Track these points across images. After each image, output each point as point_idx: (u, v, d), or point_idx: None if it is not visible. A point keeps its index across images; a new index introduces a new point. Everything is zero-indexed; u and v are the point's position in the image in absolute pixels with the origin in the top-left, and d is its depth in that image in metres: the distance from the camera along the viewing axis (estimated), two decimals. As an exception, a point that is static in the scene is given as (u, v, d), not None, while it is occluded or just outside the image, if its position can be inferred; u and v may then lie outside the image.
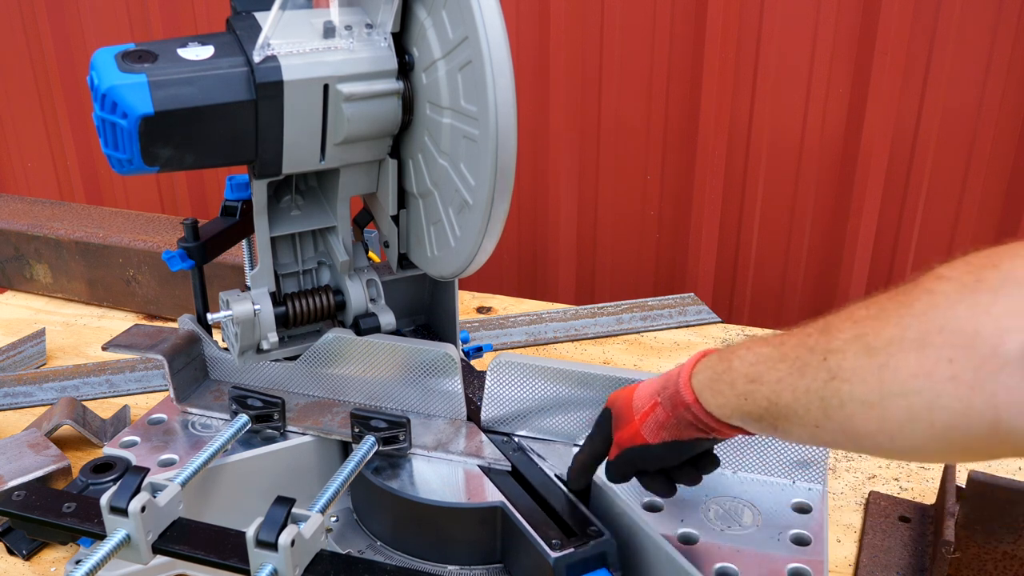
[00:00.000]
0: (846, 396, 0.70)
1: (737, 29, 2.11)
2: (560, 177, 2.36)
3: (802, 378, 0.74)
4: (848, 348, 0.70)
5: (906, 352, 0.65)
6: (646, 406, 0.92)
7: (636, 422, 0.92)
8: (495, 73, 0.95)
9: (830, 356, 0.71)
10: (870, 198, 2.16)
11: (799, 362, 0.74)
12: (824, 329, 0.74)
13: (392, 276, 1.31)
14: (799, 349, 0.75)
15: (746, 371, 0.80)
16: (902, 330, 0.66)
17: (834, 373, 0.71)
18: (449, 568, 1.09)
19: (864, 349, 0.68)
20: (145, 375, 1.64)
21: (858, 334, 0.70)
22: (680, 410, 0.87)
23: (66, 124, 2.84)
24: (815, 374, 0.72)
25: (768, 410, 0.78)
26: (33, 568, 1.17)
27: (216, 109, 1.00)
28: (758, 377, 0.78)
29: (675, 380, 0.88)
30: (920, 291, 0.67)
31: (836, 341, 0.71)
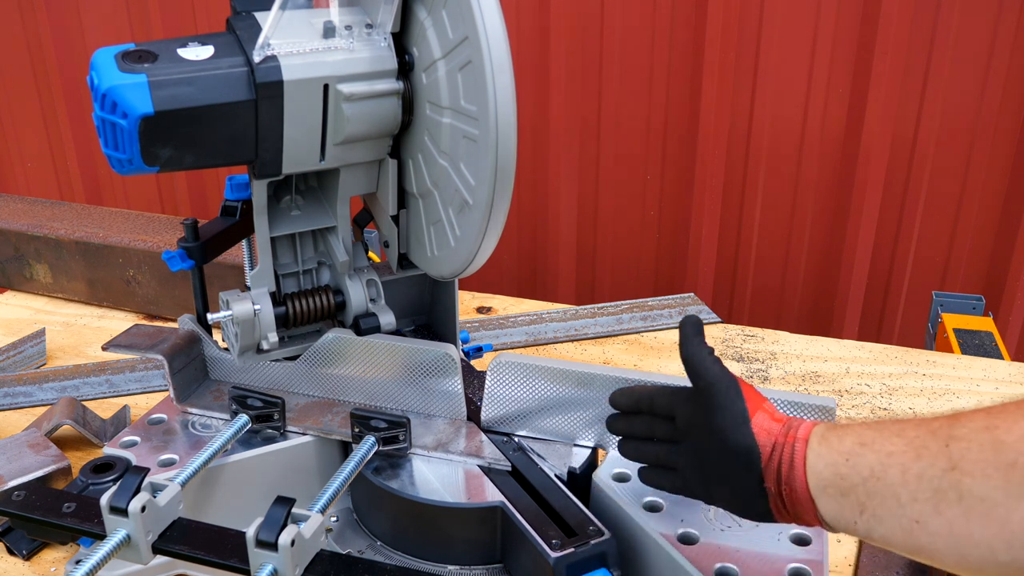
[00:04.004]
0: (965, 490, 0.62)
1: (737, 29, 2.11)
2: (560, 177, 2.36)
3: (917, 460, 0.66)
4: (974, 437, 0.63)
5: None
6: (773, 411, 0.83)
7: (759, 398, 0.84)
8: (495, 73, 0.95)
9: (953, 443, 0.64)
10: (870, 198, 2.16)
11: (917, 441, 0.67)
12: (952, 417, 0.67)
13: (392, 276, 1.31)
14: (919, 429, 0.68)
15: (860, 433, 0.73)
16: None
17: (955, 463, 0.63)
18: (449, 568, 1.09)
19: (992, 442, 0.62)
20: (145, 375, 1.64)
21: (988, 426, 0.63)
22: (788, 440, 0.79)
23: (66, 124, 2.84)
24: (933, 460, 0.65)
25: (866, 482, 0.69)
26: (33, 568, 1.17)
27: (216, 109, 1.00)
28: (870, 442, 0.71)
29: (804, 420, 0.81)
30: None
31: (962, 429, 0.65)
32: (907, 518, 0.66)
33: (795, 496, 0.76)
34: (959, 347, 1.83)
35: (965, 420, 0.65)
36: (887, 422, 0.73)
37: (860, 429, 0.73)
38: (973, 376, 1.61)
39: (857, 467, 0.71)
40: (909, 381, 1.60)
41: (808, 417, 1.03)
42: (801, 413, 1.03)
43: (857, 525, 0.71)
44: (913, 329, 2.33)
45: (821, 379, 1.61)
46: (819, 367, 1.65)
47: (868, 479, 0.69)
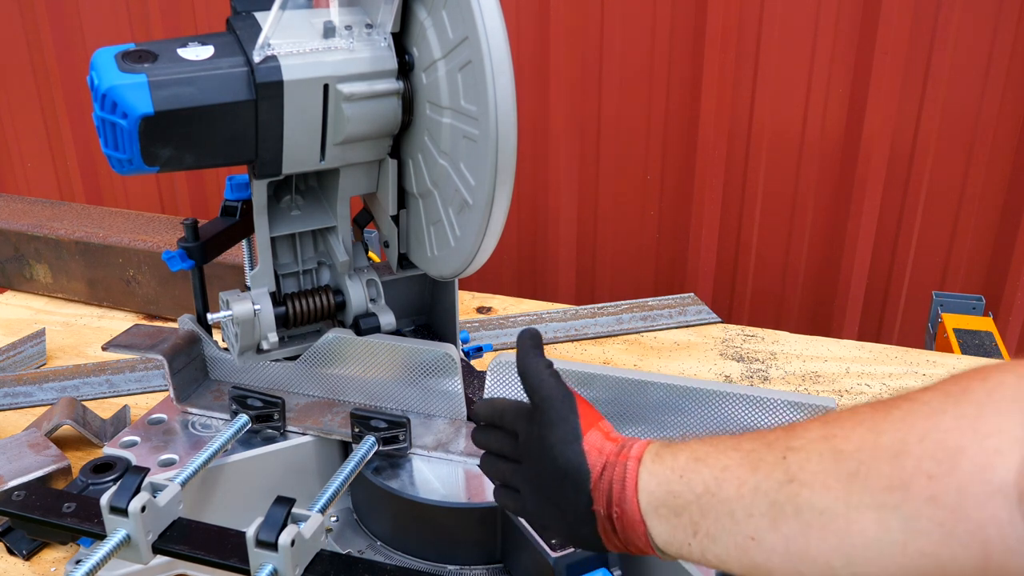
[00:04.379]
0: (804, 503, 0.59)
1: (737, 29, 2.11)
2: (560, 177, 2.36)
3: (754, 473, 0.63)
4: (812, 447, 0.61)
5: (880, 460, 0.57)
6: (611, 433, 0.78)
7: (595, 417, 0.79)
8: (495, 73, 0.95)
9: (790, 454, 0.62)
10: (870, 198, 2.17)
11: (753, 454, 0.64)
12: (789, 428, 0.64)
13: (392, 276, 1.31)
14: (756, 442, 0.65)
15: (695, 448, 0.69)
16: (876, 435, 0.58)
17: (793, 475, 0.60)
18: (449, 568, 1.09)
19: (831, 451, 0.59)
20: (145, 375, 1.64)
21: (825, 435, 0.61)
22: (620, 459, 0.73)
23: (66, 124, 2.84)
24: (769, 471, 0.62)
25: (700, 498, 0.65)
26: (33, 568, 1.17)
27: (216, 109, 1.00)
28: (704, 457, 0.67)
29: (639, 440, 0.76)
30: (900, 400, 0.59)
31: (799, 440, 0.62)
32: (742, 535, 0.63)
33: (625, 519, 0.71)
34: (959, 347, 1.83)
35: (801, 431, 0.63)
36: (724, 437, 0.69)
37: (696, 444, 0.69)
38: (973, 376, 1.61)
39: (691, 483, 0.67)
40: (909, 381, 1.60)
41: (808, 417, 1.03)
42: (801, 413, 1.03)
43: (691, 547, 0.67)
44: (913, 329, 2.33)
45: (821, 379, 1.61)
46: (819, 367, 1.65)
47: (702, 495, 0.65)
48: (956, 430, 0.54)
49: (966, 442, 0.54)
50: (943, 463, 0.54)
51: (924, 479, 0.54)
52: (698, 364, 1.67)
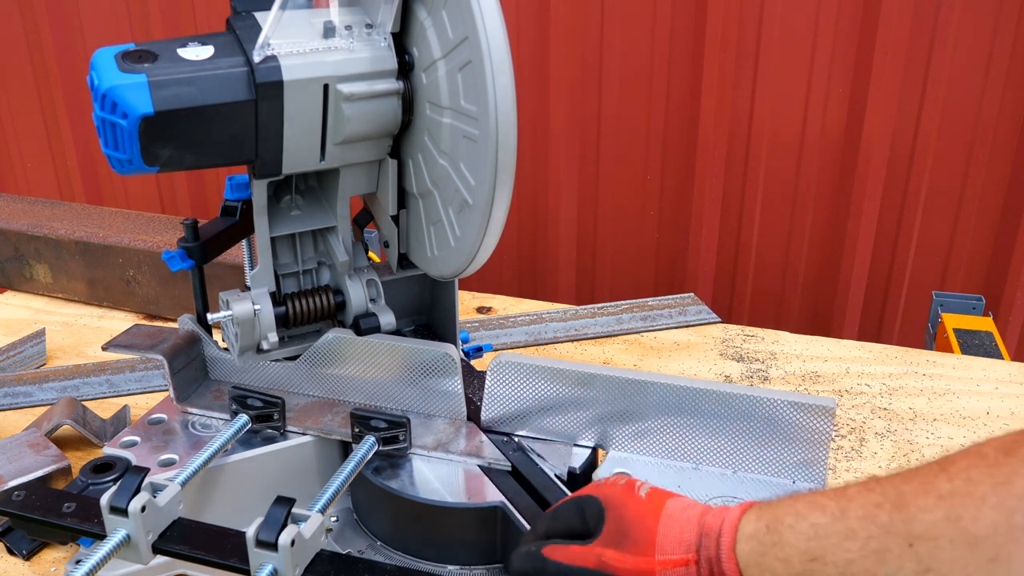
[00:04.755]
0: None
1: (737, 29, 2.11)
2: (560, 177, 2.36)
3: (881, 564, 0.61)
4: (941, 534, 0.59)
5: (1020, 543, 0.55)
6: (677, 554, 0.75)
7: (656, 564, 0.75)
8: (495, 73, 0.95)
9: (917, 543, 0.60)
10: (870, 198, 2.17)
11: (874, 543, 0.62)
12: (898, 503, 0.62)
13: (392, 276, 1.31)
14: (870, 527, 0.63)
15: (804, 547, 0.66)
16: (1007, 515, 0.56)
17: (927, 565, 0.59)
18: (449, 568, 1.09)
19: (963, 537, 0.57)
20: (145, 375, 1.64)
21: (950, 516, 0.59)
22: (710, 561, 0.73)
23: (66, 124, 2.84)
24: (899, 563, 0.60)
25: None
26: (33, 568, 1.17)
27: (216, 109, 1.00)
28: (821, 556, 0.65)
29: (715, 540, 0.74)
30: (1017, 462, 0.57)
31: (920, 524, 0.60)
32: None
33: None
34: (959, 347, 1.83)
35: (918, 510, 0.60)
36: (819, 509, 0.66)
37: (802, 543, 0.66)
38: (973, 376, 1.61)
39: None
40: (909, 381, 1.60)
41: (808, 417, 1.03)
42: (801, 413, 1.03)
43: None
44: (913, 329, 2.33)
45: (821, 379, 1.61)
46: (819, 367, 1.65)
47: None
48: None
49: None
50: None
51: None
52: (698, 364, 1.67)
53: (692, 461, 1.11)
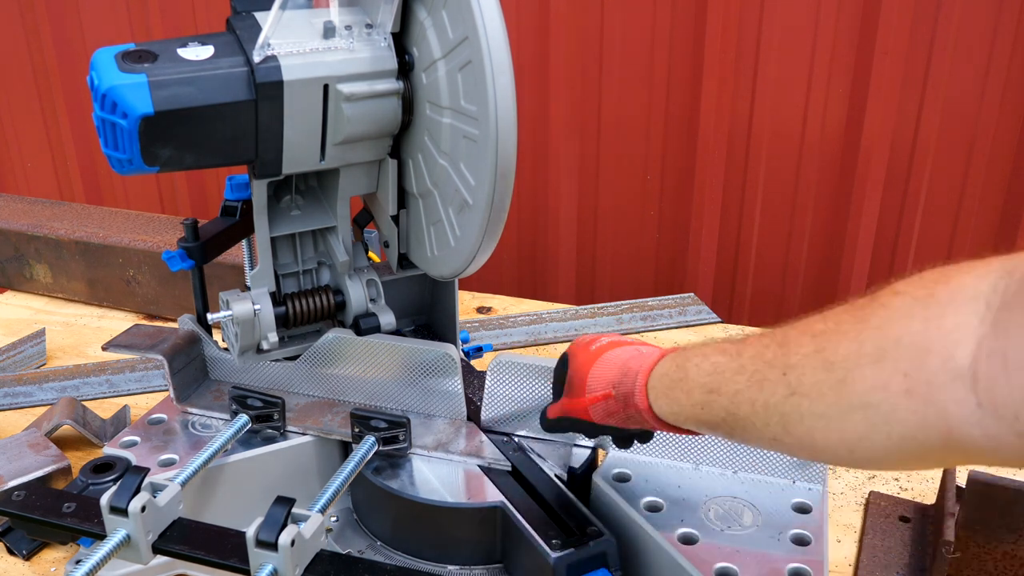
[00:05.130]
0: (806, 411, 0.70)
1: (737, 29, 2.11)
2: (560, 177, 2.36)
3: (761, 392, 0.74)
4: (807, 363, 0.71)
5: (863, 366, 0.66)
6: (598, 391, 0.93)
7: (586, 401, 0.94)
8: (495, 73, 0.95)
9: (789, 371, 0.72)
10: (870, 198, 2.16)
11: (758, 375, 0.75)
12: (782, 342, 0.75)
13: (392, 276, 1.31)
14: (757, 362, 0.76)
15: (703, 381, 0.81)
16: (859, 344, 0.67)
17: (794, 388, 0.71)
18: (449, 568, 1.09)
19: (823, 364, 0.69)
20: (145, 375, 1.64)
21: (817, 349, 0.70)
22: (631, 411, 0.89)
23: (66, 124, 2.84)
24: (774, 388, 0.73)
25: (725, 420, 0.79)
26: (33, 568, 1.17)
27: (216, 109, 1.00)
28: (716, 388, 0.79)
29: (632, 379, 0.89)
30: (876, 305, 0.68)
31: (795, 356, 0.72)
32: (766, 438, 0.75)
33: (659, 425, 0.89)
34: (959, 347, 1.83)
35: (795, 347, 0.73)
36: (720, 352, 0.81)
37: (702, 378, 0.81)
38: (973, 376, 1.60)
39: (713, 411, 0.79)
40: (909, 381, 1.59)
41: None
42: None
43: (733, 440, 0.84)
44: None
45: (821, 379, 1.61)
46: (819, 367, 1.64)
47: (726, 418, 0.78)
48: (924, 331, 0.63)
49: (932, 340, 0.62)
50: (914, 361, 0.63)
51: (900, 377, 0.63)
52: (698, 364, 1.67)
53: (692, 461, 1.11)
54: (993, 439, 0.59)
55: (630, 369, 0.90)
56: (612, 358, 0.94)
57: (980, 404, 0.59)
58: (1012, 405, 0.58)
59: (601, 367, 0.94)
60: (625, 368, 0.91)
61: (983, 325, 0.60)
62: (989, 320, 0.60)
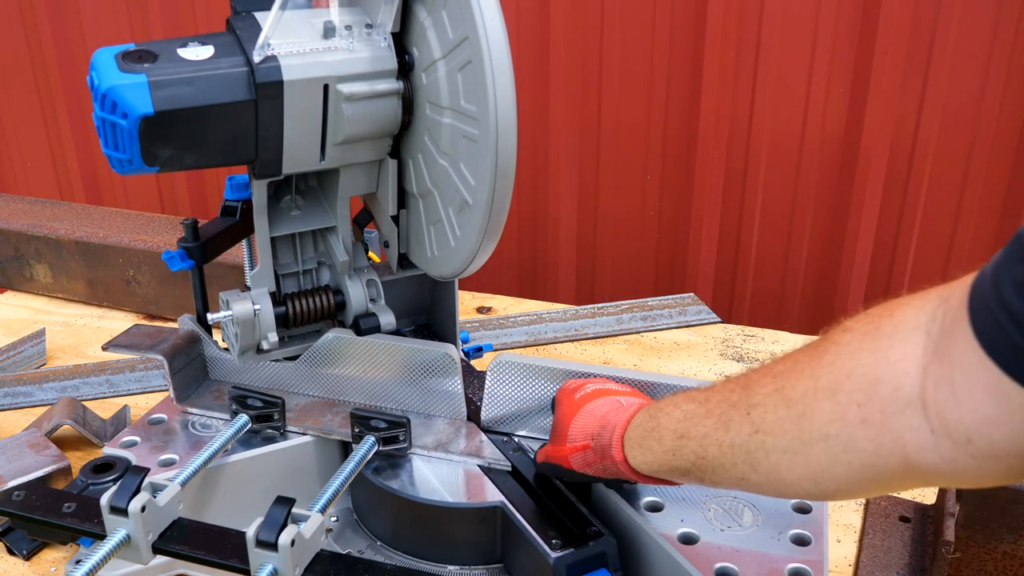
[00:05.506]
0: (770, 447, 0.73)
1: (737, 29, 2.11)
2: (560, 177, 2.36)
3: (727, 433, 0.77)
4: (768, 401, 0.73)
5: (820, 400, 0.69)
6: (578, 442, 0.96)
7: (566, 450, 0.97)
8: (495, 73, 0.95)
9: (752, 411, 0.74)
10: (870, 198, 2.16)
11: (724, 417, 0.78)
12: (745, 385, 0.77)
13: (392, 276, 1.31)
14: (723, 405, 0.78)
15: (674, 427, 0.83)
16: (815, 380, 0.70)
17: (757, 427, 0.74)
18: (449, 568, 1.09)
19: (783, 401, 0.72)
20: (145, 375, 1.64)
21: (777, 388, 0.73)
22: (607, 463, 0.92)
23: (66, 124, 2.84)
24: (739, 428, 0.75)
25: (696, 464, 0.81)
26: (33, 568, 1.17)
27: (216, 109, 1.00)
28: (685, 433, 0.81)
29: (610, 433, 0.92)
30: (828, 343, 0.71)
31: (757, 396, 0.75)
32: (735, 478, 0.78)
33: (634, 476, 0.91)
34: (959, 347, 1.83)
35: (757, 387, 0.75)
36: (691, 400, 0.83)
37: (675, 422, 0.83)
38: (973, 376, 1.60)
39: (684, 456, 0.82)
40: (909, 381, 1.59)
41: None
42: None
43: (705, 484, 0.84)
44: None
45: (821, 379, 1.61)
46: (819, 367, 1.64)
47: (696, 462, 0.81)
48: (874, 364, 0.66)
49: (882, 371, 0.65)
50: (867, 391, 0.66)
51: (855, 408, 0.66)
52: (698, 364, 1.67)
53: (692, 461, 1.11)
54: (949, 462, 0.61)
55: (608, 423, 0.93)
56: (593, 410, 0.98)
57: (933, 430, 0.62)
58: (964, 429, 0.60)
59: (582, 418, 0.98)
60: (604, 421, 0.94)
61: (926, 354, 0.63)
62: (931, 349, 0.63)
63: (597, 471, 0.95)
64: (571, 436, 0.98)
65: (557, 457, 1.00)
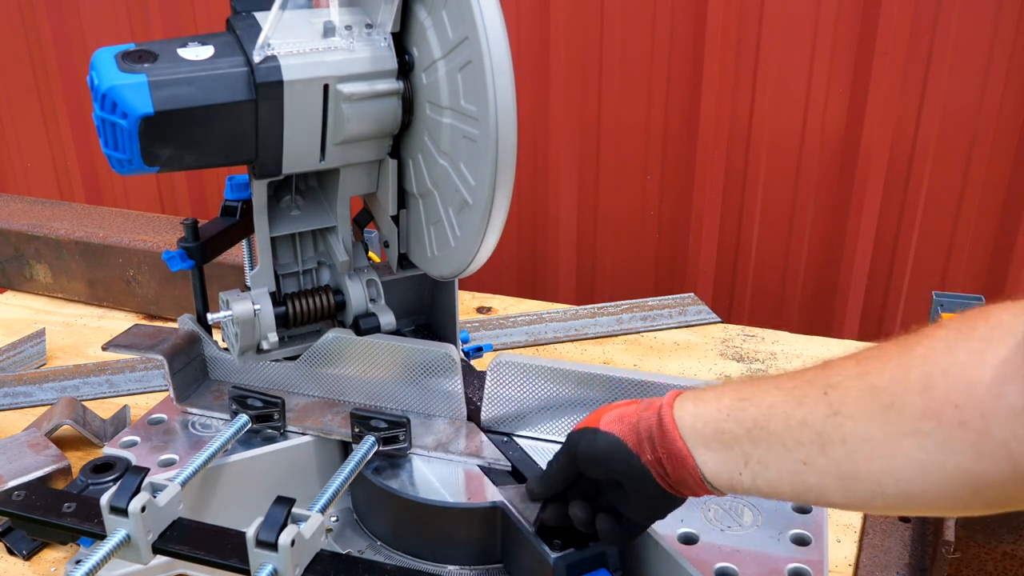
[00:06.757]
0: (849, 432, 0.68)
1: (737, 29, 2.11)
2: (560, 177, 2.36)
3: (799, 408, 0.71)
4: (850, 384, 0.69)
5: (911, 393, 0.65)
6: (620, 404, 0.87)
7: (600, 411, 0.88)
8: (495, 73, 0.95)
9: (831, 391, 0.69)
10: (870, 198, 2.16)
11: (796, 392, 0.72)
12: (824, 366, 0.72)
13: (392, 276, 1.31)
14: (796, 380, 0.73)
15: (737, 391, 0.76)
16: (905, 371, 0.66)
17: (836, 408, 0.69)
18: (449, 568, 1.09)
19: (868, 388, 0.68)
20: (145, 375, 1.64)
21: (860, 372, 0.69)
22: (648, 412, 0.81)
23: (66, 124, 2.84)
24: (814, 407, 0.70)
25: (751, 432, 0.73)
26: (33, 568, 1.17)
27: (216, 109, 1.00)
28: (749, 397, 0.75)
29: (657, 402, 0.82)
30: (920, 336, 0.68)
31: (836, 376, 0.70)
32: (794, 461, 0.71)
33: (673, 457, 0.78)
34: (959, 347, 1.82)
35: (838, 369, 0.70)
36: (760, 379, 0.77)
37: (738, 386, 0.77)
38: (973, 376, 1.60)
39: (740, 420, 0.74)
40: (909, 381, 1.59)
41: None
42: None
43: (742, 476, 0.75)
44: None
45: (821, 379, 1.61)
46: (819, 367, 1.64)
47: (752, 430, 0.73)
48: (970, 364, 0.63)
49: (979, 374, 0.62)
50: (965, 393, 0.62)
51: (951, 408, 0.63)
52: (698, 364, 1.67)
53: (692, 461, 1.11)
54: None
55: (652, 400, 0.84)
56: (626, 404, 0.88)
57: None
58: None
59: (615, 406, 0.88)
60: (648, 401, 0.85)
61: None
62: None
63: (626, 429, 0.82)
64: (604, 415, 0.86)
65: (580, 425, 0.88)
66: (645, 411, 0.82)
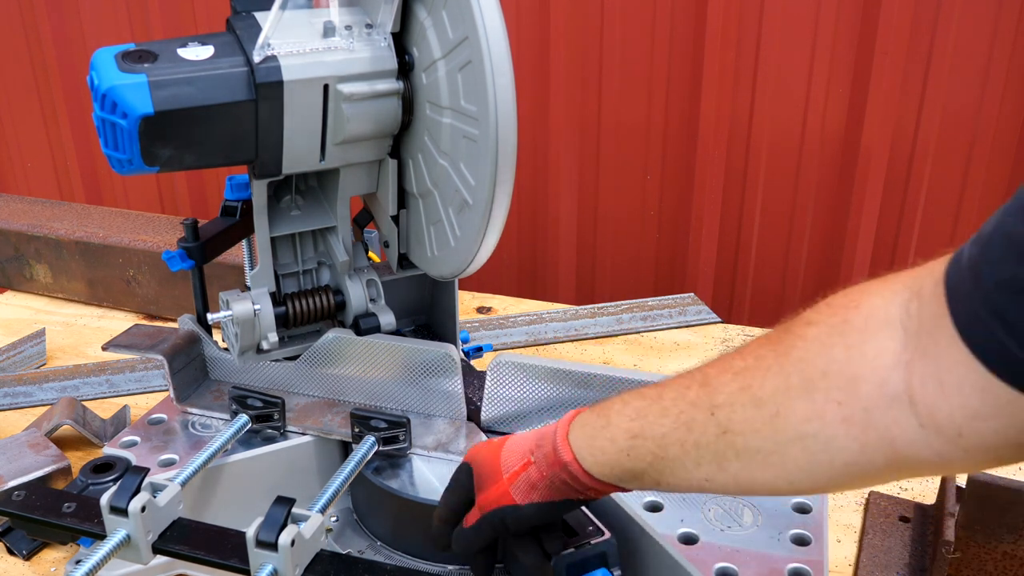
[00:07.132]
0: (741, 448, 0.70)
1: (737, 29, 2.11)
2: (560, 177, 2.36)
3: (690, 433, 0.73)
4: (735, 400, 0.71)
5: (794, 399, 0.67)
6: (517, 465, 0.86)
7: (505, 482, 0.86)
8: (495, 73, 0.95)
9: (717, 411, 0.72)
10: (870, 198, 2.16)
11: (683, 417, 0.74)
12: (703, 382, 0.74)
13: (392, 276, 1.31)
14: (680, 403, 0.75)
15: (627, 426, 0.78)
16: (785, 378, 0.68)
17: (725, 427, 0.71)
18: (449, 568, 1.08)
19: (752, 401, 0.70)
20: (145, 375, 1.64)
21: (742, 386, 0.71)
22: (556, 469, 0.82)
23: (66, 124, 2.84)
24: (704, 429, 0.72)
25: (652, 465, 0.77)
26: (33, 568, 1.17)
27: (216, 109, 1.00)
28: (641, 432, 0.77)
29: (551, 438, 0.84)
30: (794, 337, 0.69)
31: (720, 395, 0.72)
32: (697, 480, 0.74)
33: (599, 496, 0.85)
34: (959, 347, 1.83)
35: (717, 385, 0.72)
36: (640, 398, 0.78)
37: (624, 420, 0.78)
38: (973, 376, 1.60)
39: (640, 456, 0.77)
40: (909, 381, 1.59)
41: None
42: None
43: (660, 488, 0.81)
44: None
45: (821, 379, 1.61)
46: (819, 367, 1.64)
47: (653, 463, 0.76)
48: (848, 360, 0.65)
49: (860, 369, 0.64)
50: (846, 389, 0.65)
51: (834, 406, 0.65)
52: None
53: (692, 461, 1.11)
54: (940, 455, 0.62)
55: (546, 432, 0.85)
56: (520, 436, 0.90)
57: (923, 425, 0.61)
58: (954, 425, 0.60)
59: (513, 443, 0.89)
60: (540, 434, 0.86)
61: (907, 351, 0.63)
62: (912, 345, 0.63)
63: (545, 493, 0.84)
64: (505, 462, 0.87)
65: (493, 499, 0.86)
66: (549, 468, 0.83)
